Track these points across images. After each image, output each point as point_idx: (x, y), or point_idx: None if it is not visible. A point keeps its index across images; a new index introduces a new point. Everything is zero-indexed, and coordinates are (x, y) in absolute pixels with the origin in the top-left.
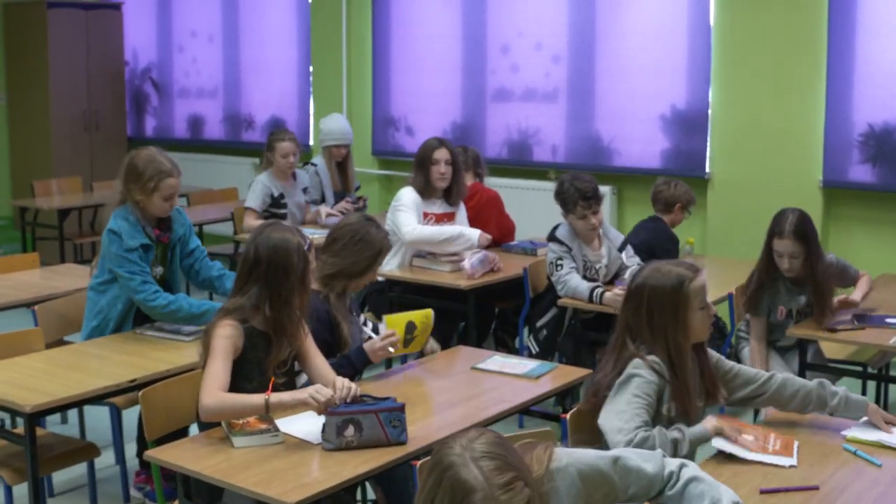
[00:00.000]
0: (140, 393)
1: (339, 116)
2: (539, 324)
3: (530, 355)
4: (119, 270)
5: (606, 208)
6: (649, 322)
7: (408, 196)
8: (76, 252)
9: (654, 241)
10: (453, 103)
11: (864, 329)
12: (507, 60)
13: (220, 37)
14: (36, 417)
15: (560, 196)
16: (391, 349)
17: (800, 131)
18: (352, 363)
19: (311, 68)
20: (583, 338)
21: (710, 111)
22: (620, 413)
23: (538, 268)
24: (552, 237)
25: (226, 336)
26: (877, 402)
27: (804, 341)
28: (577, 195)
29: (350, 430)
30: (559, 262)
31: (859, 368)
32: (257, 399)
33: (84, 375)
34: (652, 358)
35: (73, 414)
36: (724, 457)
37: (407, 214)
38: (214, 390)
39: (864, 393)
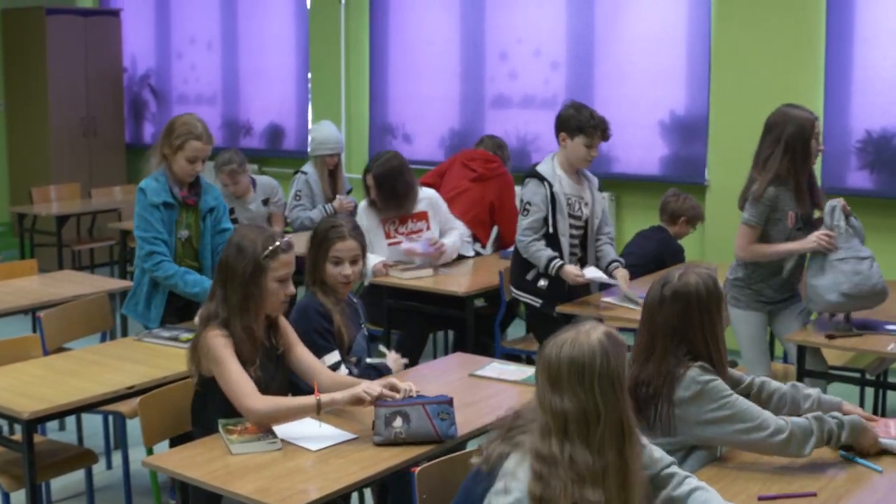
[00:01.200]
0: (138, 399)
1: (329, 124)
2: (529, 277)
3: (529, 313)
4: (136, 233)
5: None
6: (702, 326)
7: (360, 209)
8: (74, 259)
9: (663, 252)
10: (451, 110)
11: (862, 335)
12: (505, 67)
13: (218, 44)
14: (34, 424)
15: (575, 120)
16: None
17: None
18: (380, 373)
19: (309, 75)
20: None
21: (709, 118)
22: (739, 420)
23: None
24: (533, 173)
25: (223, 345)
26: (874, 409)
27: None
28: (600, 124)
29: (398, 422)
30: (528, 207)
31: (857, 375)
32: (308, 400)
33: (82, 382)
34: (699, 363)
35: (71, 421)
36: (721, 464)
37: None
38: (257, 395)
39: (861, 400)
